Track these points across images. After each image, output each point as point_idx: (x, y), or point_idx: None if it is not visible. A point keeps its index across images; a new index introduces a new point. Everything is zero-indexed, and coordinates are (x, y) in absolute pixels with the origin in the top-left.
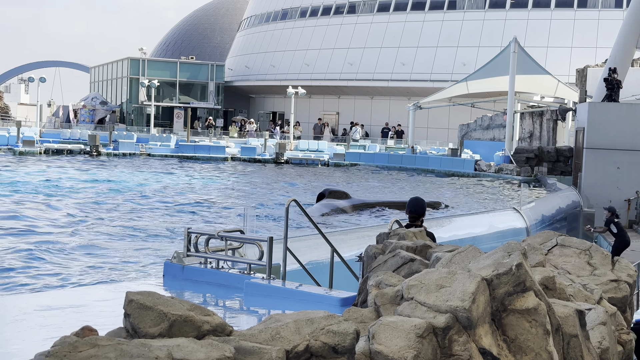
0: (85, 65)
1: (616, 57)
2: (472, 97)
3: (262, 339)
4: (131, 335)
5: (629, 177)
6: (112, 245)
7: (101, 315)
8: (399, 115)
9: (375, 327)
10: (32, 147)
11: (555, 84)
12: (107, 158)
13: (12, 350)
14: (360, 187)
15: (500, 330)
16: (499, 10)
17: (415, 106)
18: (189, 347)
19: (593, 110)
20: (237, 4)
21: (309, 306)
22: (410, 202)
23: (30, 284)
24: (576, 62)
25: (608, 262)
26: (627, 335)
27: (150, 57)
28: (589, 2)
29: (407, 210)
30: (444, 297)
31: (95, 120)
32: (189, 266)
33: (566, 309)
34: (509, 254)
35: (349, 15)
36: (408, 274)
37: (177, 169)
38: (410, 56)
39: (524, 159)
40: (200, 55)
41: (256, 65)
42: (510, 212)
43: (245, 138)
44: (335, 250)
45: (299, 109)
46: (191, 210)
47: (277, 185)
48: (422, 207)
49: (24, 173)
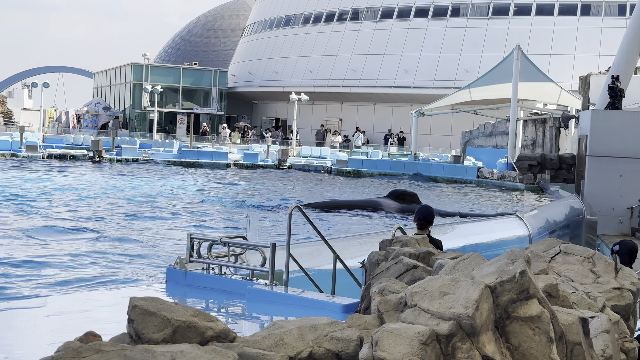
0: (88, 71)
1: (619, 64)
2: (475, 104)
3: (265, 346)
4: (135, 340)
5: (631, 185)
6: (115, 250)
7: (105, 320)
8: (402, 121)
9: (379, 334)
10: (35, 152)
11: (558, 91)
12: (109, 163)
13: (16, 355)
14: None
15: (504, 338)
16: (502, 18)
17: (418, 113)
18: (192, 353)
19: (596, 117)
20: (240, 10)
21: (311, 313)
22: (418, 210)
23: (34, 289)
24: (579, 70)
25: (611, 270)
26: (630, 344)
27: (153, 62)
28: (592, 10)
29: (416, 218)
30: (447, 304)
31: (98, 126)
32: (191, 272)
33: (569, 317)
34: (512, 262)
35: (352, 21)
36: (411, 280)
37: (180, 175)
38: (413, 63)
39: (526, 167)
40: (204, 61)
41: (259, 71)
42: (512, 220)
43: (248, 144)
44: (338, 257)
45: (302, 115)
46: (194, 216)
47: (280, 191)
48: (431, 215)
49: (26, 178)
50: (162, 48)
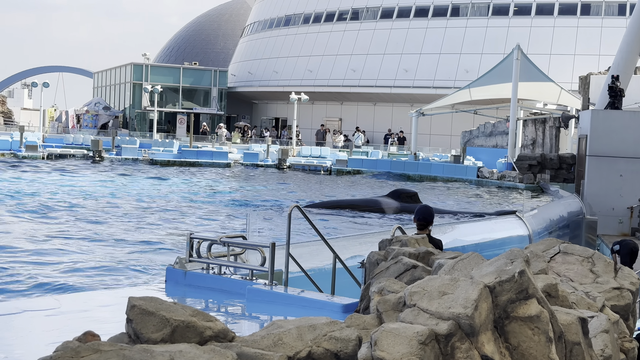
0: (88, 71)
1: (619, 64)
2: (475, 104)
3: (264, 345)
4: (133, 340)
5: (631, 185)
6: (114, 250)
7: (104, 320)
8: (402, 121)
9: (378, 334)
10: (35, 152)
11: (558, 91)
12: (109, 163)
13: (15, 355)
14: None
15: (503, 338)
16: (502, 18)
17: (418, 113)
18: (191, 353)
19: (596, 117)
20: (240, 10)
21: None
22: (418, 210)
23: (32, 289)
24: (579, 70)
25: (611, 270)
26: (629, 343)
27: (153, 62)
28: (592, 10)
29: (415, 218)
30: (446, 304)
31: (98, 126)
32: (191, 272)
33: (569, 317)
34: (511, 261)
35: (352, 21)
36: (410, 280)
37: (180, 174)
38: (413, 63)
39: (526, 166)
40: (204, 61)
41: (259, 71)
42: (512, 219)
43: (248, 144)
44: (338, 257)
45: (302, 115)
46: (193, 216)
47: (280, 191)
48: (431, 215)
49: (27, 178)
50: (162, 48)
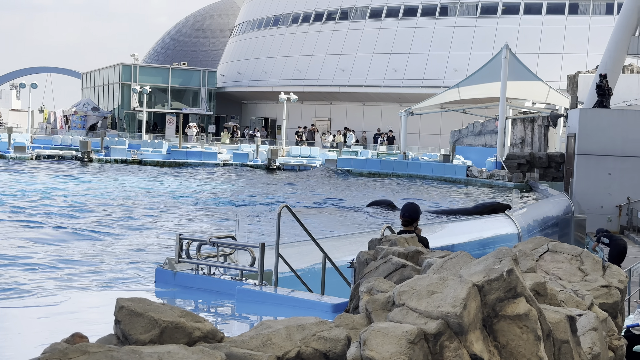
0: (77, 72)
1: (607, 63)
2: (464, 103)
3: (253, 346)
4: (122, 342)
5: (620, 183)
6: (103, 251)
7: (92, 321)
8: (391, 121)
9: (367, 333)
10: (23, 153)
11: (547, 90)
12: (98, 164)
13: (4, 356)
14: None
15: (492, 336)
16: (490, 17)
17: (407, 112)
18: (179, 354)
19: (584, 116)
20: (229, 10)
21: (300, 312)
22: (404, 207)
23: (21, 291)
24: (567, 69)
25: (599, 268)
26: (618, 341)
27: (142, 63)
28: (580, 9)
29: (401, 215)
30: (435, 303)
31: (86, 127)
32: (180, 272)
33: (557, 315)
34: (500, 260)
35: (340, 21)
36: (400, 280)
37: (169, 175)
38: (402, 62)
39: (515, 165)
40: (192, 61)
41: (248, 71)
42: (501, 218)
43: (238, 144)
44: (327, 256)
45: (291, 115)
46: (183, 217)
47: (269, 191)
48: (416, 212)
49: (15, 179)
50: (151, 48)
